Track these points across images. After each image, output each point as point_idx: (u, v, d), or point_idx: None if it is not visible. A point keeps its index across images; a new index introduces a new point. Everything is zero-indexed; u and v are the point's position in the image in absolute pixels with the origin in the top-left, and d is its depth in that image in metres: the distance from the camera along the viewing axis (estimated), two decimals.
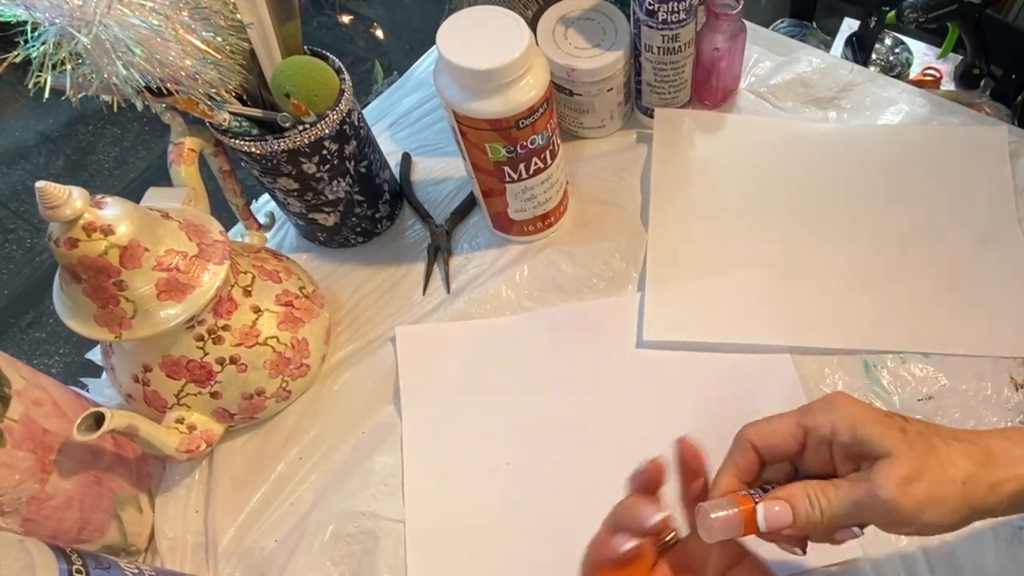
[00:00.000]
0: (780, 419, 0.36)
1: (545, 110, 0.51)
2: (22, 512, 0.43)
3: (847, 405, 0.34)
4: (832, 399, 0.35)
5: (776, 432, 0.35)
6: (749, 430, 0.36)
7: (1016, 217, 0.59)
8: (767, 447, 0.35)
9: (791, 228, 0.61)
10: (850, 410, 0.34)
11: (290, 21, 0.51)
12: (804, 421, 0.35)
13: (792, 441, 0.35)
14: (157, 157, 1.62)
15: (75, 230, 0.41)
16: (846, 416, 0.34)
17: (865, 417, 0.34)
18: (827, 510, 0.33)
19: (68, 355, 1.39)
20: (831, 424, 0.34)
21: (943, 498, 0.32)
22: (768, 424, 0.36)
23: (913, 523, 0.32)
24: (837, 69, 0.69)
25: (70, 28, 0.37)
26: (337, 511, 0.52)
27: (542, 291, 0.60)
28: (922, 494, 0.32)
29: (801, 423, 0.35)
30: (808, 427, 0.35)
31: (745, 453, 0.36)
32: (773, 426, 0.36)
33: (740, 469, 0.36)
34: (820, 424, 0.34)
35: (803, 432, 0.35)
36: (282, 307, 0.53)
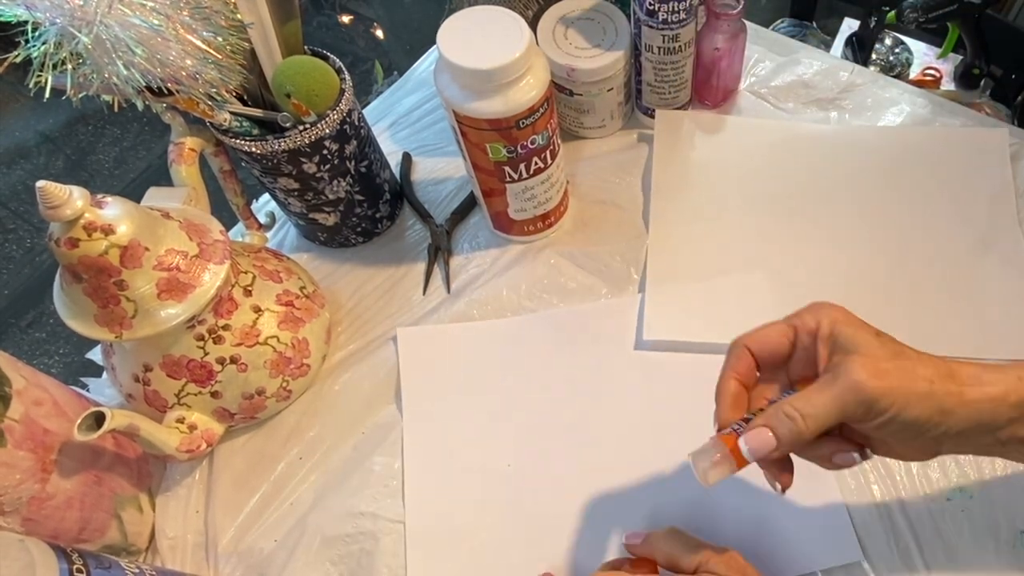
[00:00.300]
0: (771, 324, 0.39)
1: (545, 110, 0.51)
2: (22, 512, 0.43)
3: (831, 307, 0.37)
4: (819, 303, 0.38)
5: (769, 333, 0.38)
6: (743, 336, 0.39)
7: (1017, 219, 0.59)
8: (761, 348, 0.38)
9: (792, 230, 0.61)
10: (833, 311, 0.37)
11: (290, 21, 0.51)
12: (792, 320, 0.38)
13: (784, 340, 0.38)
14: (157, 157, 1.62)
15: (75, 230, 0.41)
16: (828, 314, 0.37)
17: (845, 318, 0.37)
18: (807, 416, 0.34)
19: (68, 355, 1.39)
20: (816, 321, 0.37)
21: (912, 390, 0.34)
22: (761, 329, 0.39)
23: (883, 413, 0.34)
24: (838, 70, 0.69)
25: (71, 28, 0.37)
26: (337, 511, 0.52)
27: (542, 291, 0.60)
28: (893, 382, 0.34)
29: (790, 322, 0.38)
30: (796, 325, 0.38)
31: (741, 357, 0.38)
32: (766, 329, 0.38)
33: (739, 372, 0.38)
34: (806, 321, 0.37)
35: (792, 331, 0.38)
36: (282, 307, 0.53)
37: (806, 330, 0.37)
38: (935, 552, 0.47)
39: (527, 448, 0.53)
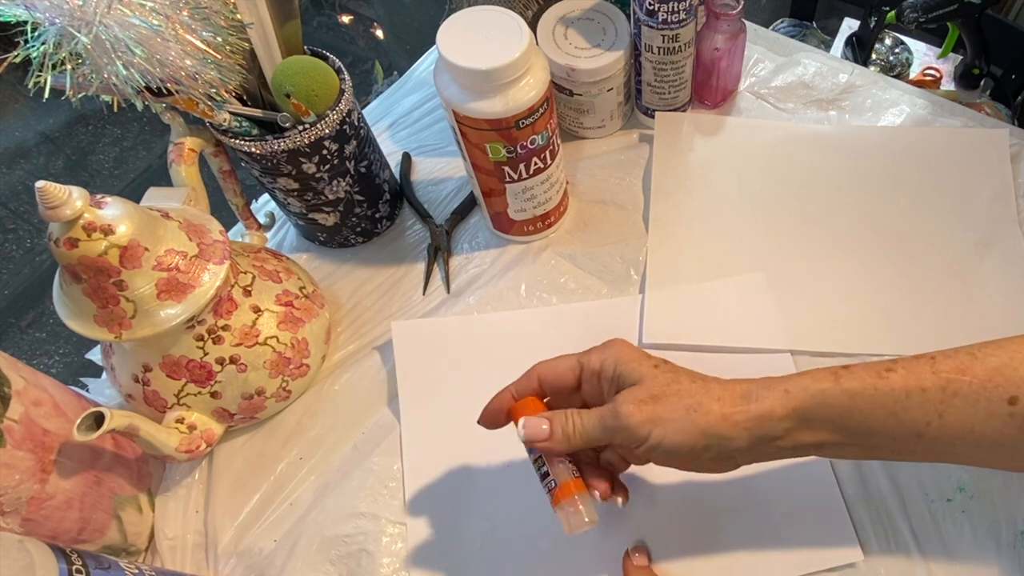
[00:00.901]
0: (564, 357, 0.41)
1: (545, 110, 0.51)
2: (22, 512, 0.43)
3: (618, 346, 0.40)
4: (609, 342, 0.41)
5: (558, 365, 0.41)
6: (538, 364, 0.42)
7: (1017, 219, 0.59)
8: (548, 376, 0.41)
9: (792, 231, 0.61)
10: (619, 350, 0.40)
11: (290, 21, 0.51)
12: (581, 359, 0.41)
13: (570, 374, 0.41)
14: (157, 157, 1.62)
15: (75, 230, 0.41)
16: (613, 354, 0.40)
17: (629, 355, 0.39)
18: (579, 429, 0.39)
19: (68, 355, 1.39)
20: (601, 361, 0.40)
21: (669, 419, 0.37)
22: (554, 360, 0.42)
23: (644, 440, 0.37)
24: (838, 70, 0.69)
25: (70, 28, 0.37)
26: (337, 511, 0.52)
27: (542, 291, 0.60)
28: (650, 412, 0.37)
29: (579, 360, 0.41)
30: (583, 363, 0.40)
31: (528, 379, 0.42)
32: (557, 361, 0.41)
33: (517, 389, 0.42)
34: (593, 361, 0.40)
35: (579, 367, 0.41)
36: (282, 307, 0.53)
37: (591, 369, 0.40)
38: (935, 552, 0.47)
39: None
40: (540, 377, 0.41)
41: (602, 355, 0.40)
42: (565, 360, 0.41)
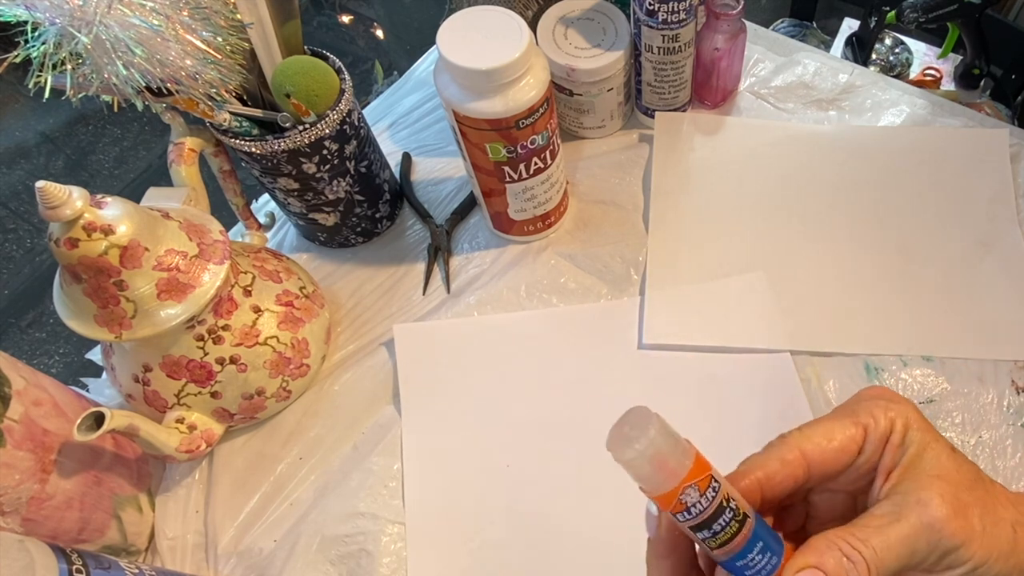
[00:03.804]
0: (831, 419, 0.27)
1: (545, 110, 0.51)
2: (22, 512, 0.43)
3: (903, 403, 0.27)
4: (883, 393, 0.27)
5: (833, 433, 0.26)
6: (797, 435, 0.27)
7: (1017, 219, 0.59)
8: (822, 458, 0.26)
9: (792, 231, 0.61)
10: (906, 409, 0.27)
11: (290, 21, 0.51)
12: (861, 418, 0.26)
13: (851, 448, 0.26)
14: (157, 157, 1.62)
15: (75, 230, 0.41)
16: (902, 413, 0.26)
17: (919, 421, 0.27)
18: (872, 560, 0.24)
19: (68, 355, 1.39)
20: (889, 421, 0.26)
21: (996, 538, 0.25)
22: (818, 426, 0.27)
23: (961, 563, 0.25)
24: (838, 70, 0.69)
25: (70, 28, 0.37)
26: (337, 511, 0.52)
27: (542, 292, 0.60)
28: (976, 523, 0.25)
29: (857, 420, 0.26)
30: (867, 426, 0.26)
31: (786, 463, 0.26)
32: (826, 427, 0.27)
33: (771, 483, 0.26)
34: (879, 420, 0.26)
35: (863, 434, 0.26)
36: (282, 307, 0.53)
37: (879, 434, 0.26)
38: None
39: (526, 449, 0.53)
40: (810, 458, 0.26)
41: (886, 412, 0.26)
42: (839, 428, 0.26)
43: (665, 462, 0.24)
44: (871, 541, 0.24)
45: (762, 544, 0.25)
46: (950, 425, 0.52)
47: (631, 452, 0.24)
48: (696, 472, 0.24)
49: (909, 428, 0.26)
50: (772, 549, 0.26)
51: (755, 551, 0.25)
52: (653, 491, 0.24)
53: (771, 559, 0.25)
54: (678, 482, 0.24)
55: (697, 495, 0.24)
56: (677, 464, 0.24)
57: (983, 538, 0.25)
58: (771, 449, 0.27)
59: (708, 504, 0.24)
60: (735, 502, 0.25)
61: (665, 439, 0.24)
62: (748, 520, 0.25)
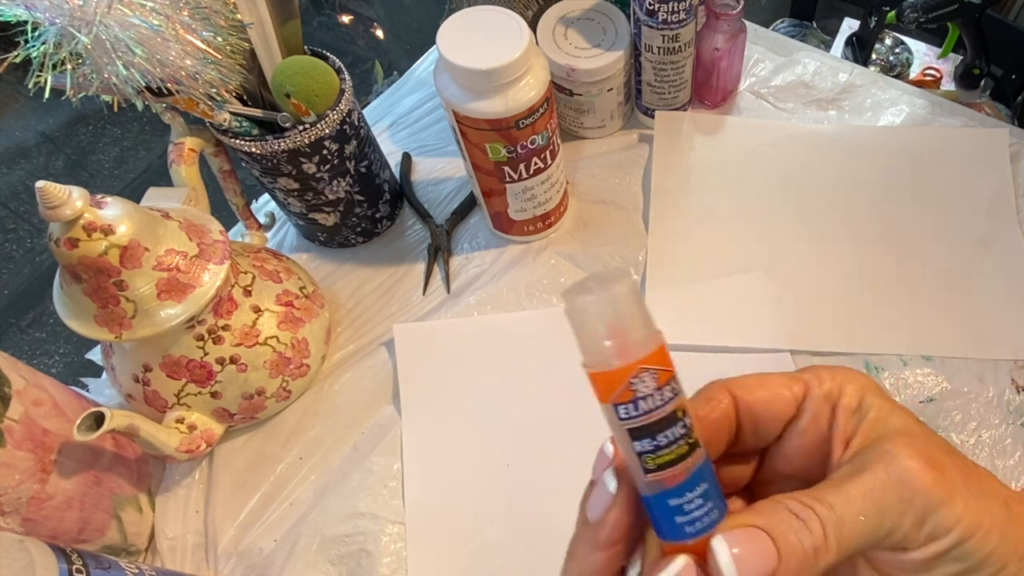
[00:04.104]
0: (769, 374, 0.25)
1: (545, 110, 0.51)
2: (22, 512, 0.43)
3: (856, 372, 0.24)
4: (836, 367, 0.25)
5: (769, 384, 0.24)
6: (725, 381, 0.25)
7: (1017, 219, 0.59)
8: (756, 403, 0.24)
9: (792, 230, 0.61)
10: (860, 377, 0.24)
11: (290, 21, 0.51)
12: (804, 376, 0.24)
13: (789, 399, 0.24)
14: (157, 157, 1.62)
15: (75, 230, 0.41)
16: (858, 380, 0.24)
17: (876, 388, 0.24)
18: (830, 519, 0.20)
19: (68, 355, 1.39)
20: (839, 384, 0.24)
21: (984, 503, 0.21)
22: (756, 378, 0.24)
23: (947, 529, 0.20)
24: (838, 70, 0.69)
25: (70, 28, 0.37)
26: (337, 511, 0.52)
27: (542, 291, 0.60)
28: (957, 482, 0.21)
29: (803, 377, 0.24)
30: (808, 382, 0.24)
31: (717, 405, 0.24)
32: (763, 379, 0.24)
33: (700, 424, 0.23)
34: (824, 381, 0.24)
35: (803, 389, 0.24)
36: (282, 307, 0.53)
37: (823, 393, 0.24)
38: None
39: (526, 448, 0.53)
40: (739, 401, 0.24)
41: (834, 376, 0.24)
42: (777, 378, 0.24)
43: (623, 330, 0.19)
44: (826, 497, 0.20)
45: (706, 487, 0.20)
46: (950, 424, 0.52)
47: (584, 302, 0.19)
48: (658, 359, 0.19)
49: (866, 393, 0.23)
50: (714, 499, 0.21)
51: (696, 491, 0.20)
52: (598, 364, 0.20)
53: (711, 511, 0.20)
54: (633, 360, 0.19)
55: (653, 386, 0.19)
56: (638, 340, 0.19)
57: (969, 499, 0.20)
58: (697, 392, 0.25)
59: (662, 404, 0.20)
60: (691, 420, 0.20)
61: (632, 306, 0.19)
62: (699, 449, 0.21)
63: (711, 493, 0.21)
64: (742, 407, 0.24)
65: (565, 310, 0.20)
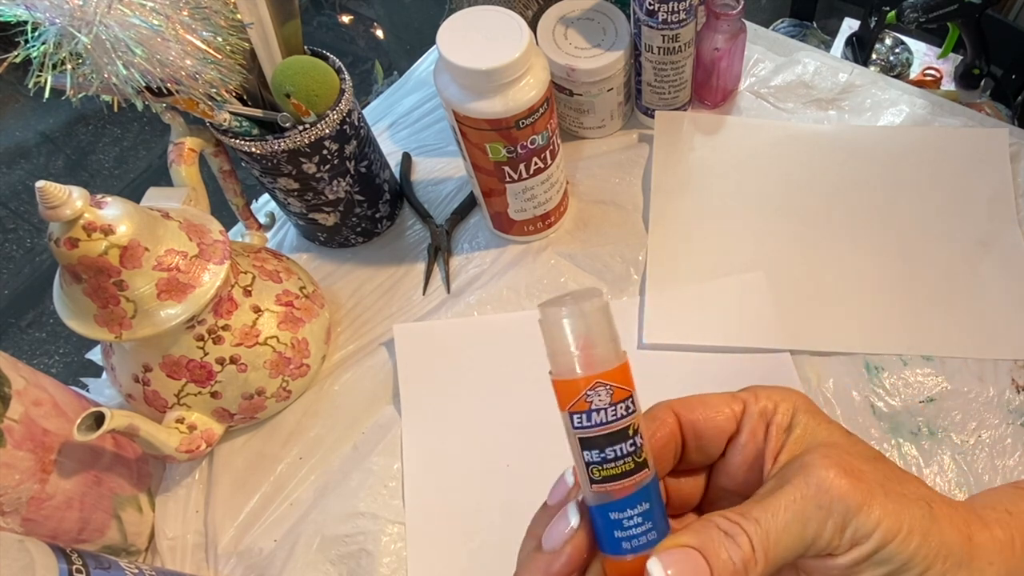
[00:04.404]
0: (710, 394, 0.27)
1: (545, 110, 0.51)
2: (22, 512, 0.43)
3: (790, 391, 0.26)
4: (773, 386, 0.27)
5: (711, 403, 0.26)
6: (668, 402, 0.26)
7: (1017, 219, 0.59)
8: (699, 421, 0.26)
9: (792, 230, 0.61)
10: (796, 395, 0.26)
11: (290, 21, 0.51)
12: (742, 395, 0.26)
13: (729, 416, 0.26)
14: (157, 157, 1.62)
15: (75, 230, 0.41)
16: (790, 398, 0.26)
17: (807, 406, 0.25)
18: (756, 533, 0.21)
19: (68, 355, 1.39)
20: (774, 402, 0.25)
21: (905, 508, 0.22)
22: (697, 398, 0.26)
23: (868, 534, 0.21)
24: (838, 70, 0.69)
25: (70, 28, 0.37)
26: (337, 511, 0.52)
27: (542, 291, 0.60)
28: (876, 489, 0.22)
29: (741, 396, 0.26)
30: (746, 400, 0.26)
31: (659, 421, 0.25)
32: (706, 399, 0.26)
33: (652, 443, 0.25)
34: (761, 399, 0.26)
35: (741, 406, 0.26)
36: (282, 307, 0.53)
37: (759, 410, 0.25)
38: None
39: (526, 449, 0.53)
40: (683, 420, 0.26)
41: (770, 395, 0.26)
42: (717, 398, 0.26)
43: (589, 344, 0.21)
44: (752, 513, 0.22)
45: (648, 507, 0.22)
46: (950, 424, 0.52)
47: (555, 313, 0.21)
48: (617, 377, 0.21)
49: (797, 411, 0.25)
50: (655, 521, 0.22)
51: (637, 509, 0.21)
52: (562, 373, 0.21)
53: (650, 531, 0.22)
54: (592, 372, 0.21)
55: (608, 400, 0.21)
56: (602, 354, 0.21)
57: (887, 503, 0.21)
58: (645, 411, 0.26)
59: (614, 419, 0.21)
60: (642, 441, 0.21)
61: (600, 323, 0.21)
62: (646, 470, 0.22)
63: (653, 513, 0.22)
64: (685, 424, 0.26)
65: (539, 320, 0.22)
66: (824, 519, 0.21)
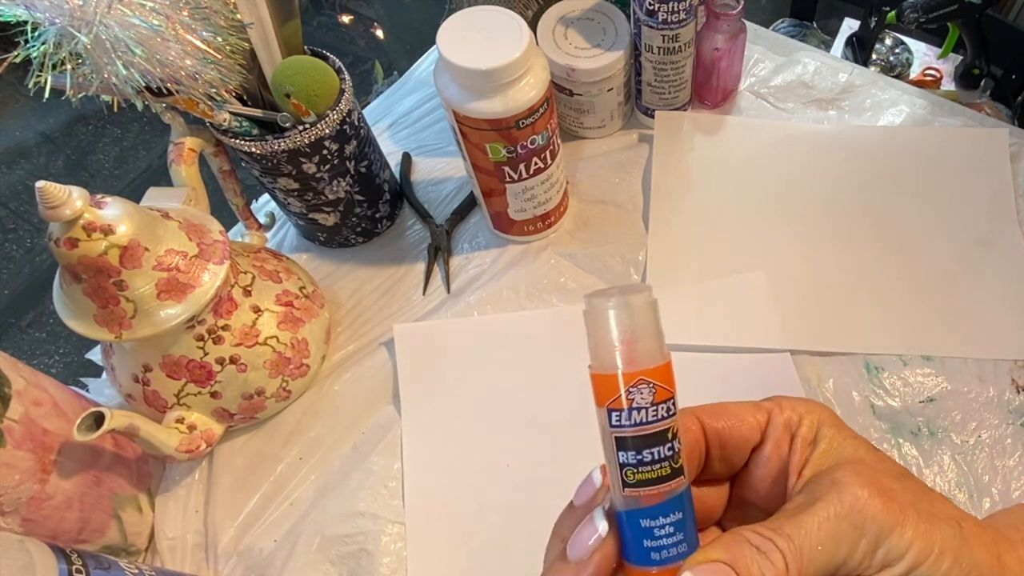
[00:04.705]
0: (734, 404, 0.27)
1: (545, 110, 0.51)
2: (22, 512, 0.43)
3: (815, 404, 0.26)
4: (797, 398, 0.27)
5: (736, 413, 0.26)
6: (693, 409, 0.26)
7: (1017, 219, 0.59)
8: (725, 429, 0.25)
9: (791, 230, 0.61)
10: (818, 408, 0.26)
11: (290, 21, 0.51)
12: (766, 405, 0.26)
13: (754, 426, 0.25)
14: (157, 157, 1.62)
15: (75, 230, 0.41)
16: (814, 410, 0.25)
17: (832, 420, 0.25)
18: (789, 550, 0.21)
19: (68, 355, 1.39)
20: (799, 415, 0.25)
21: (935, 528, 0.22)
22: (721, 406, 0.26)
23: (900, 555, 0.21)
24: (838, 70, 0.69)
25: (70, 28, 0.37)
26: (337, 511, 0.52)
27: (542, 291, 0.60)
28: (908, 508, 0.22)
29: (765, 407, 0.26)
30: (771, 410, 0.26)
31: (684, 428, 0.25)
32: (730, 408, 0.26)
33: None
34: (786, 410, 0.25)
35: (765, 416, 0.26)
36: (282, 307, 0.53)
37: (783, 421, 0.25)
38: None
39: (526, 448, 0.53)
40: (707, 427, 0.25)
41: (795, 407, 0.25)
42: (741, 407, 0.26)
43: (634, 339, 0.20)
44: (784, 529, 0.21)
45: (680, 517, 0.21)
46: (950, 424, 0.52)
47: (601, 304, 0.20)
48: (661, 376, 0.20)
49: (822, 425, 0.25)
50: (687, 533, 0.21)
51: (670, 519, 0.21)
52: (603, 367, 0.20)
53: (680, 543, 0.21)
54: (635, 368, 0.20)
55: (650, 399, 0.20)
56: (646, 352, 0.20)
57: (919, 524, 0.21)
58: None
59: (655, 420, 0.20)
60: (679, 446, 0.21)
61: (647, 318, 0.20)
62: (681, 478, 0.21)
63: (685, 525, 0.21)
64: (710, 433, 0.25)
65: (584, 310, 0.21)
66: (857, 539, 0.21)
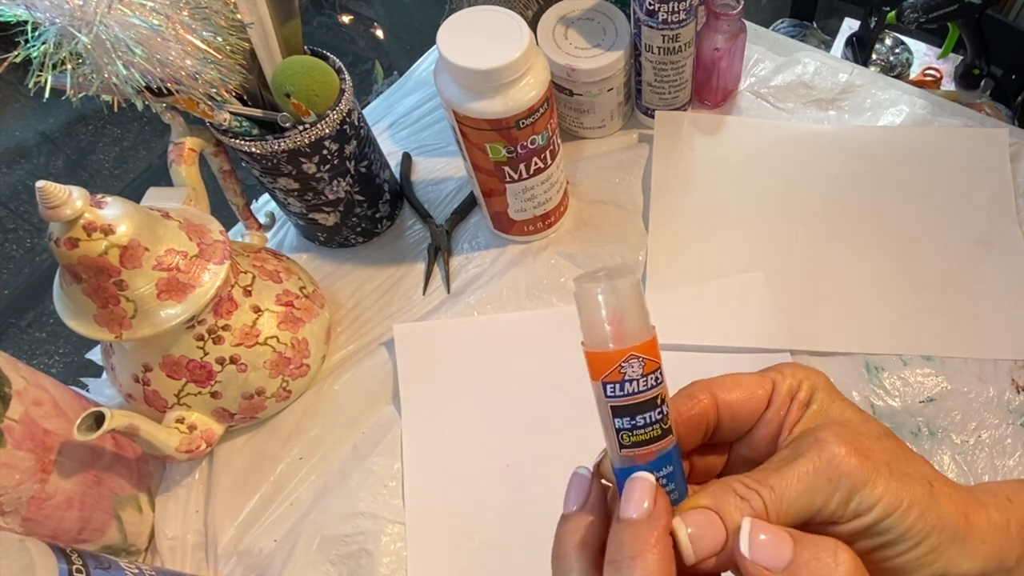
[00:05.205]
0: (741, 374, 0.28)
1: (545, 110, 0.51)
2: (22, 512, 0.43)
3: (811, 370, 0.28)
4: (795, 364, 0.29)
5: (744, 383, 0.27)
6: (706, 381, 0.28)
7: (1017, 219, 0.59)
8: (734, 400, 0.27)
9: (792, 230, 0.61)
10: (813, 374, 0.28)
11: (290, 21, 0.51)
12: (770, 374, 0.28)
13: (762, 395, 0.27)
14: (157, 157, 1.62)
15: (75, 230, 0.41)
16: (810, 376, 0.27)
17: (826, 384, 0.27)
18: (770, 499, 0.23)
19: (68, 355, 1.39)
20: (799, 380, 0.27)
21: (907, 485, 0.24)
22: (732, 377, 0.28)
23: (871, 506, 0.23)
24: (838, 70, 0.69)
25: (70, 28, 0.37)
26: (336, 511, 0.52)
27: (542, 291, 0.60)
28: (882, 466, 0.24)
29: (769, 376, 0.28)
30: (775, 379, 0.27)
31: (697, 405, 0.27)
32: (739, 379, 0.28)
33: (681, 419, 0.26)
34: (787, 377, 0.27)
35: (771, 386, 0.27)
36: (282, 307, 0.53)
37: (786, 388, 0.27)
38: None
39: (526, 449, 0.53)
40: (720, 400, 0.27)
41: (795, 373, 0.27)
42: (750, 378, 0.28)
43: (622, 319, 0.22)
44: (768, 480, 0.24)
45: (671, 470, 0.24)
46: (950, 424, 0.52)
47: (591, 289, 0.22)
48: (648, 350, 0.23)
49: (816, 389, 0.27)
50: (677, 483, 0.24)
51: (661, 472, 0.23)
52: (595, 345, 0.23)
53: (672, 492, 0.24)
54: (626, 346, 0.22)
55: (640, 371, 0.23)
56: (634, 329, 0.22)
57: (891, 481, 0.23)
58: (681, 389, 0.28)
59: (645, 389, 0.23)
60: (667, 409, 0.24)
61: (633, 298, 0.22)
62: (671, 436, 0.24)
63: (675, 476, 0.24)
64: (722, 405, 0.27)
65: (574, 293, 0.23)
66: (832, 492, 0.23)
